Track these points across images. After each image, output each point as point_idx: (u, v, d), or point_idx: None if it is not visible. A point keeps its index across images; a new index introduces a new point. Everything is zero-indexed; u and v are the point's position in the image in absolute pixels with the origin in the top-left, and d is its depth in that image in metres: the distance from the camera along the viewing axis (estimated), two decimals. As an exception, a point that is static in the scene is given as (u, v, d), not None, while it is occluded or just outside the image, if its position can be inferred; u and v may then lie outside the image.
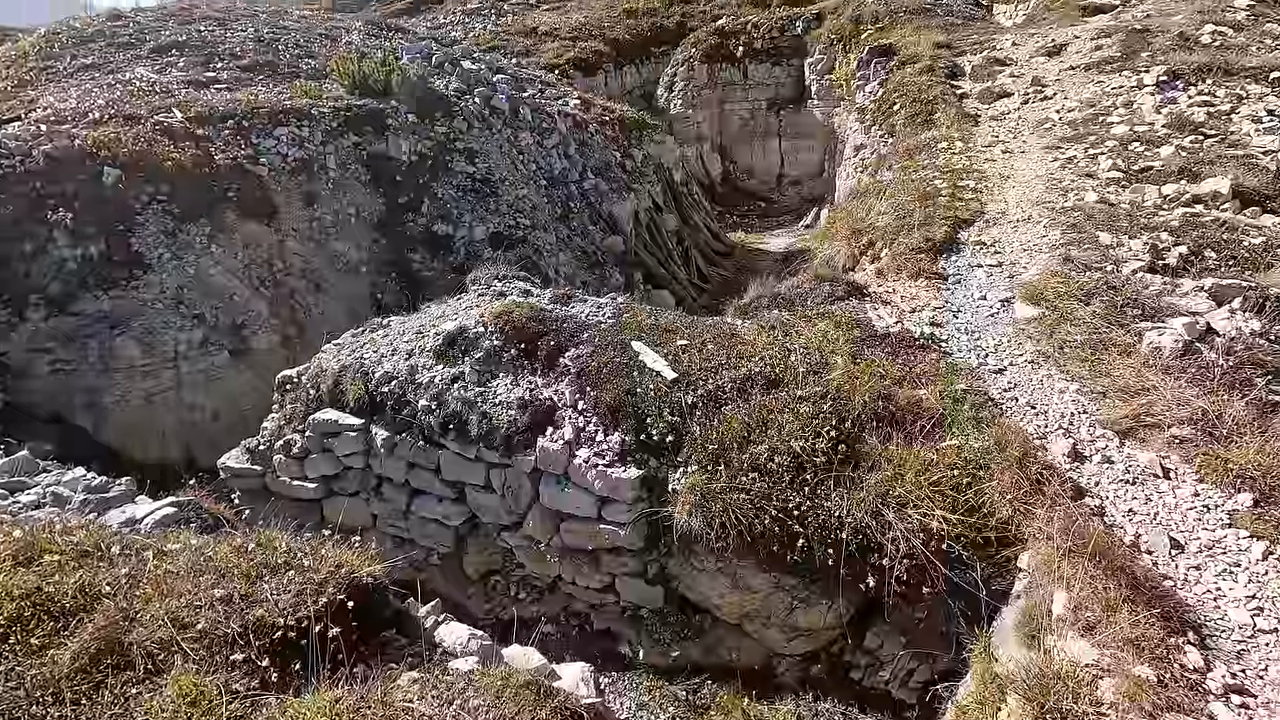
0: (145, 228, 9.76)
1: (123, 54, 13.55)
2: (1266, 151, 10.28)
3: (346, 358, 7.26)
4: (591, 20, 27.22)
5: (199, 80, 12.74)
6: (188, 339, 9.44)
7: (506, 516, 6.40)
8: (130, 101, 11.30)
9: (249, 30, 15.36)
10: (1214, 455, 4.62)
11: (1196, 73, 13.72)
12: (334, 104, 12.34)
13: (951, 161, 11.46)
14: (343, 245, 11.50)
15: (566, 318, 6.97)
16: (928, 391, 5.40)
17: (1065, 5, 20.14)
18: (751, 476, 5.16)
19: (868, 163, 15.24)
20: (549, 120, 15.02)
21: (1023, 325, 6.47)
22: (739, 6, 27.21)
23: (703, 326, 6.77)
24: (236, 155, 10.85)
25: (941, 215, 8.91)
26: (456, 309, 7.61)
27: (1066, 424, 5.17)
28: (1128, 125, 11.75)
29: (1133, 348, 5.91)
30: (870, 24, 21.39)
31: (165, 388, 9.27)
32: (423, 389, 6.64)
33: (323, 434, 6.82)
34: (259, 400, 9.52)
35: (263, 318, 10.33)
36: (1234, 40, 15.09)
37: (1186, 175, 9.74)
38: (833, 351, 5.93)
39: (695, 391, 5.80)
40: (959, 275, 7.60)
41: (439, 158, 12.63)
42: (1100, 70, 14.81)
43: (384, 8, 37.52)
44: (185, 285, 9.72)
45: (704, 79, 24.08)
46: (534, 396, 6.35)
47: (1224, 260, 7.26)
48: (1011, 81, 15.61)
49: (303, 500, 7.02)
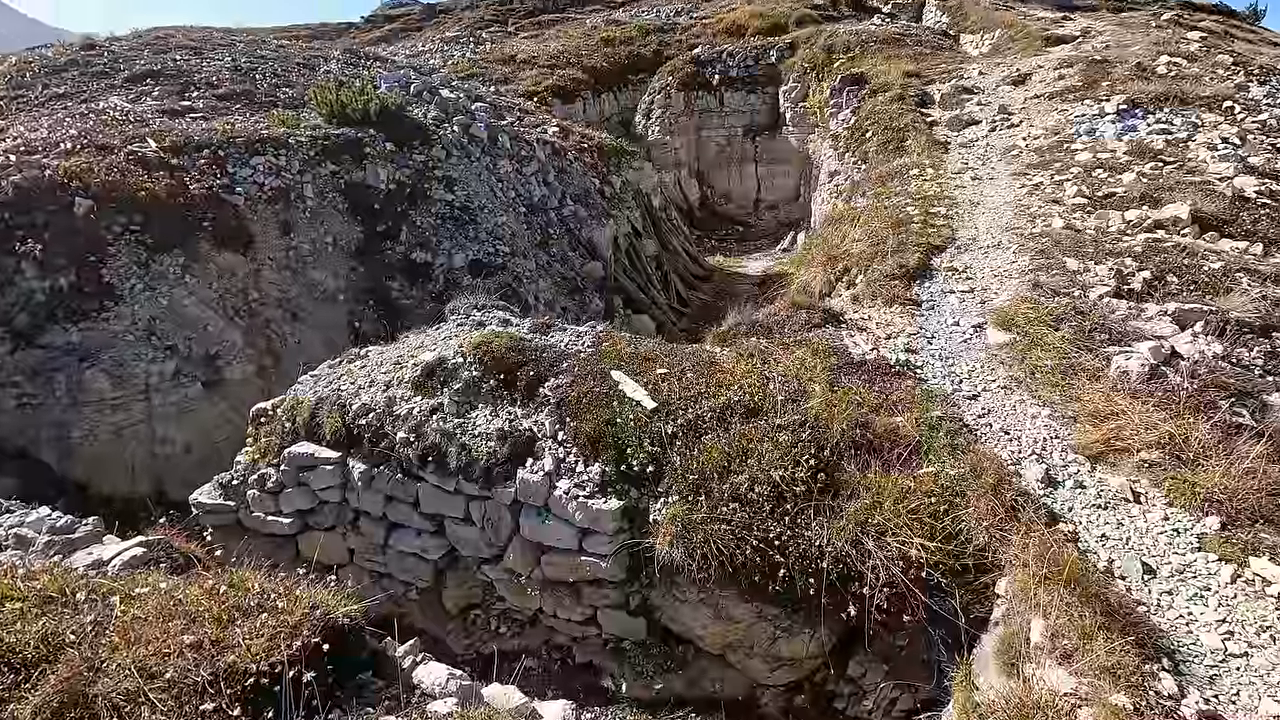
0: (117, 258, 9.63)
1: (96, 83, 13.46)
2: (1222, 178, 10.68)
3: (323, 389, 7.18)
4: (569, 48, 27.60)
5: (174, 109, 12.68)
6: (160, 371, 9.28)
7: (486, 549, 6.33)
8: (103, 131, 11.20)
9: (226, 59, 15.35)
10: (1182, 479, 4.72)
11: (1154, 101, 14.25)
12: (312, 133, 12.34)
13: (923, 188, 11.73)
14: (320, 274, 11.43)
15: (546, 347, 6.97)
16: (904, 418, 5.47)
17: (1028, 36, 20.84)
18: (732, 506, 5.16)
19: (842, 188, 15.54)
20: (528, 148, 15.14)
21: (995, 351, 6.59)
22: (714, 36, 27.78)
23: (682, 354, 6.81)
24: (212, 185, 10.78)
25: (914, 242, 9.11)
26: (435, 339, 7.57)
27: (1039, 449, 5.26)
28: (1091, 152, 12.14)
29: (1101, 372, 6.05)
30: (842, 53, 21.95)
31: (136, 421, 9.09)
32: (401, 421, 6.58)
33: (298, 467, 6.72)
34: (233, 432, 9.38)
35: (237, 348, 10.20)
36: (1188, 70, 15.71)
37: (1148, 201, 10.07)
38: (810, 379, 5.99)
39: (675, 421, 5.81)
40: (932, 301, 7.75)
41: (417, 186, 12.66)
42: (1063, 99, 15.30)
43: (362, 35, 37.77)
44: (158, 316, 9.58)
45: (681, 106, 24.48)
46: (513, 427, 6.32)
47: (1185, 285, 7.49)
48: (979, 109, 16.07)
49: (277, 536, 6.88)
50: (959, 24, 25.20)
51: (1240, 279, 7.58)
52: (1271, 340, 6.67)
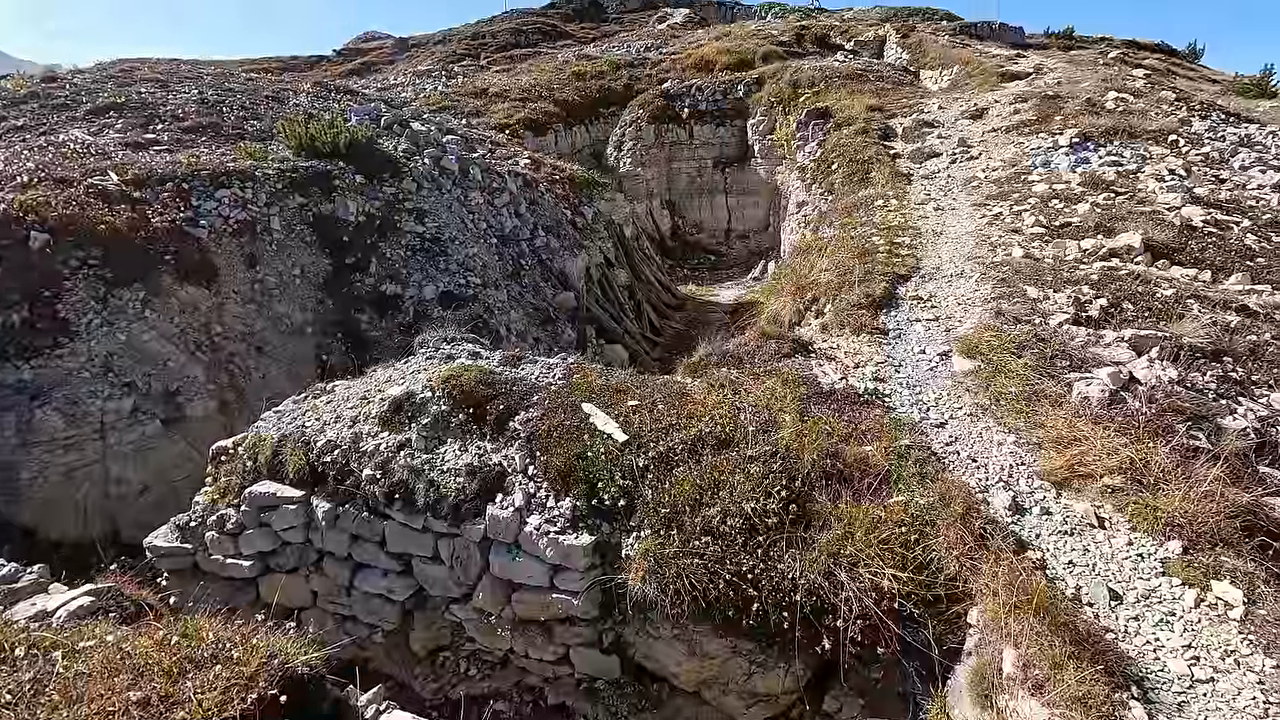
0: (74, 293, 9.37)
1: (56, 115, 13.24)
2: (1171, 208, 11.10)
3: (287, 426, 7.01)
4: (541, 82, 27.98)
5: (137, 142, 12.51)
6: (116, 408, 8.99)
7: (455, 588, 6.17)
8: (62, 164, 10.98)
9: (192, 92, 15.23)
10: (1144, 503, 4.81)
11: (1104, 135, 14.84)
12: (279, 165, 12.24)
13: (888, 219, 12.00)
14: (286, 307, 11.25)
15: (516, 380, 6.91)
16: (874, 447, 5.50)
17: (984, 72, 21.65)
18: (704, 540, 5.12)
19: (810, 218, 15.84)
20: (499, 179, 15.20)
21: (961, 378, 6.69)
22: (684, 71, 28.39)
23: (653, 386, 6.80)
24: (175, 218, 10.60)
25: (880, 271, 9.27)
26: (403, 373, 7.47)
27: (1006, 476, 5.32)
28: (1047, 184, 12.55)
29: (1063, 398, 6.17)
30: (807, 88, 22.57)
31: (89, 461, 8.76)
32: (367, 457, 6.44)
33: (259, 508, 6.52)
34: (193, 471, 9.09)
35: (199, 384, 9.94)
36: (1135, 106, 16.42)
37: (1102, 230, 10.41)
38: (781, 409, 6.01)
39: (646, 454, 5.77)
40: (899, 330, 7.87)
41: (387, 218, 12.60)
42: (1019, 132, 15.87)
43: (334, 68, 37.86)
44: (116, 352, 9.31)
45: (651, 139, 24.87)
46: (483, 462, 6.22)
47: (1140, 311, 7.72)
48: (940, 142, 16.57)
49: (236, 579, 6.63)
50: (919, 60, 26.12)
51: (1191, 305, 7.83)
52: (1223, 364, 6.88)
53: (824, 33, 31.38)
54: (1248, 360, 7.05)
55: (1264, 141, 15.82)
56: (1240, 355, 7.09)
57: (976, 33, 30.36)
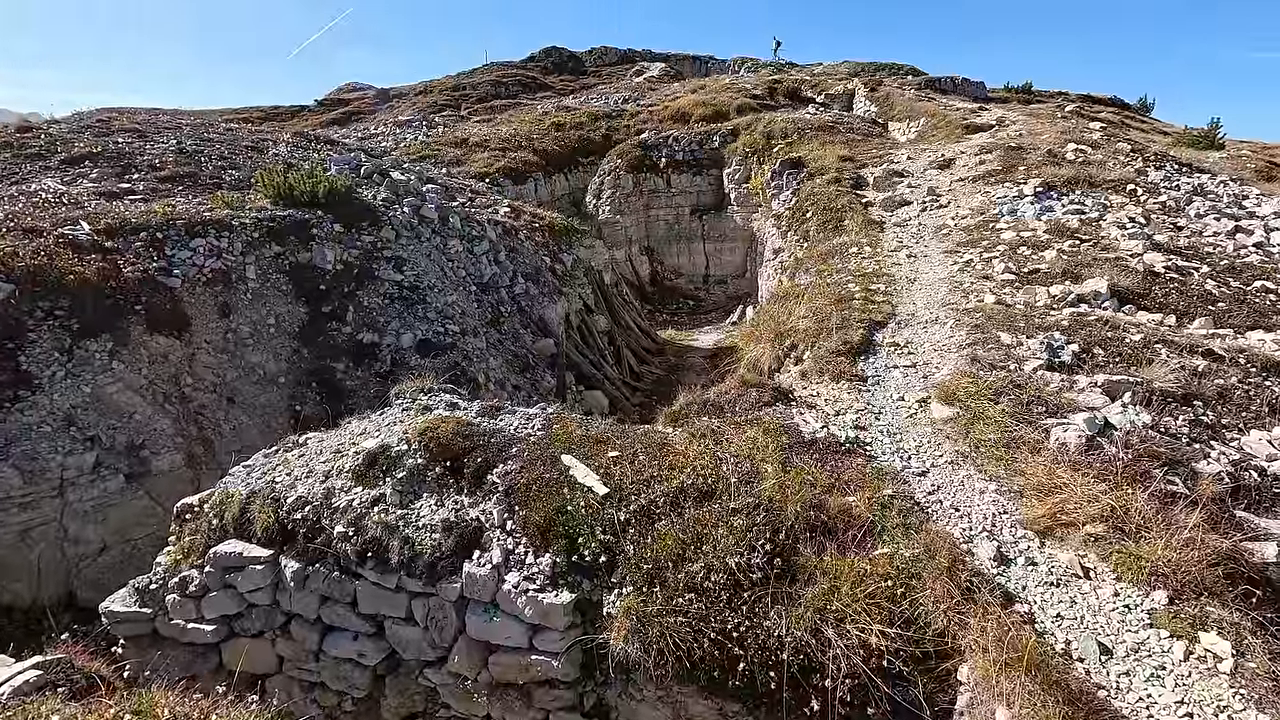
0: (38, 345, 9.13)
1: (30, 165, 13.12)
2: (1133, 254, 11.46)
3: (256, 481, 6.79)
4: (521, 132, 28.49)
5: (112, 192, 12.40)
6: (78, 464, 8.66)
7: (430, 651, 5.92)
8: (33, 214, 10.83)
9: (170, 142, 15.23)
10: (1127, 552, 4.79)
11: (1066, 184, 15.39)
12: (256, 214, 12.19)
13: (862, 266, 12.23)
14: (260, 356, 11.06)
15: (495, 431, 6.79)
16: (857, 498, 5.46)
17: (949, 125, 22.49)
18: (688, 597, 4.98)
19: (786, 265, 16.09)
20: (479, 228, 15.28)
21: (940, 426, 6.72)
22: (661, 122, 29.12)
23: (634, 436, 6.72)
24: (148, 267, 10.45)
25: (857, 318, 9.39)
26: (379, 424, 7.31)
27: (989, 526, 5.29)
28: (1014, 231, 12.92)
29: (1041, 444, 6.20)
30: (781, 139, 23.22)
31: (46, 520, 8.39)
32: (340, 514, 6.23)
33: (224, 568, 6.25)
34: (156, 528, 8.77)
35: (166, 436, 9.65)
36: (1093, 156, 17.10)
37: (1069, 277, 10.69)
38: (763, 460, 5.96)
39: (628, 507, 5.66)
40: (878, 376, 7.91)
41: (366, 266, 12.55)
42: (986, 181, 16.40)
43: (315, 118, 38.27)
44: (79, 405, 9.03)
45: (630, 187, 25.31)
46: (460, 518, 6.05)
47: (1111, 356, 7.86)
48: (910, 191, 17.06)
49: (198, 645, 6.30)
50: (887, 113, 27.09)
51: (1159, 350, 8.00)
52: (1193, 408, 7.00)
53: (795, 87, 32.52)
54: (1217, 404, 7.19)
55: (1216, 191, 16.52)
56: (1209, 399, 7.22)
57: (940, 87, 31.67)
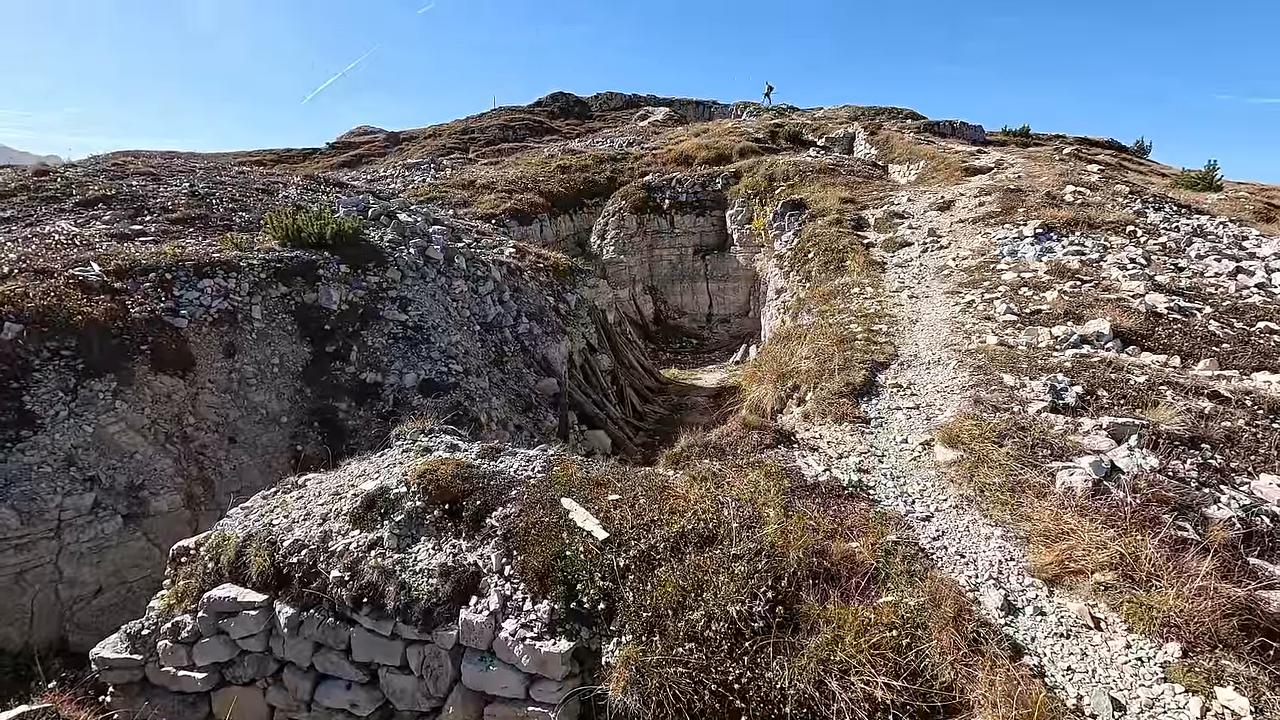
0: (43, 384, 9.18)
1: (45, 207, 13.39)
2: (1135, 295, 11.47)
3: (253, 524, 6.73)
4: (527, 174, 29.02)
5: (124, 233, 12.62)
6: (76, 504, 8.62)
7: (424, 702, 5.77)
8: (45, 255, 11.01)
9: (183, 185, 15.55)
10: (1138, 602, 4.68)
11: (1066, 226, 15.52)
12: (264, 256, 12.37)
13: (864, 306, 12.27)
14: (263, 396, 11.08)
15: (494, 473, 6.75)
16: (860, 544, 5.37)
17: (949, 167, 22.82)
18: (689, 646, 4.87)
19: (789, 305, 16.16)
20: (483, 268, 15.45)
21: (944, 469, 6.64)
22: (664, 165, 29.65)
23: (635, 479, 6.66)
24: (155, 308, 10.57)
25: (859, 359, 9.38)
26: (378, 466, 7.28)
27: (996, 573, 5.18)
28: (1015, 272, 12.98)
29: (1047, 488, 6.12)
30: (782, 181, 23.58)
31: (41, 561, 8.31)
32: (336, 558, 6.16)
33: (218, 613, 6.15)
34: (153, 570, 8.68)
35: (166, 476, 9.61)
36: (1092, 199, 17.28)
37: (1071, 318, 10.69)
38: (765, 504, 5.88)
39: (628, 552, 5.58)
40: (880, 418, 7.87)
41: (370, 306, 12.66)
42: (986, 223, 16.55)
43: (326, 161, 39.11)
44: (81, 445, 9.03)
45: (634, 228, 25.64)
46: (458, 562, 5.97)
47: (1115, 399, 7.80)
48: (911, 232, 17.22)
49: (188, 694, 6.17)
50: (886, 156, 27.54)
51: (1164, 392, 7.94)
52: (1201, 452, 6.91)
53: (796, 130, 33.15)
54: (1225, 447, 7.09)
55: (1216, 232, 16.63)
56: (1217, 442, 7.13)
57: (939, 130, 32.25)
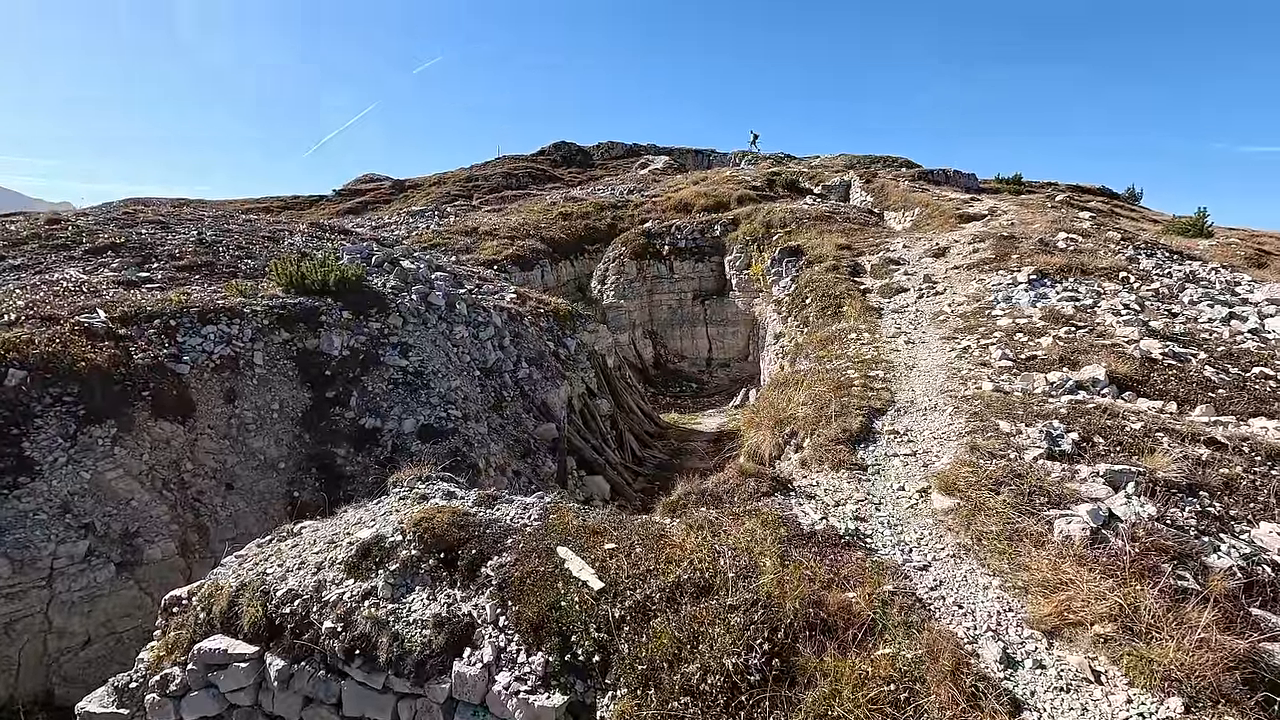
0: (43, 430, 9.22)
1: (54, 255, 13.65)
2: (1130, 340, 11.57)
3: (247, 573, 6.69)
4: (529, 221, 29.55)
5: (131, 280, 12.84)
6: (69, 552, 8.56)
7: (415, 758, 5.65)
8: (53, 302, 11.19)
9: (191, 233, 15.87)
10: (1138, 654, 4.61)
11: (1060, 272, 15.72)
12: (268, 302, 12.54)
13: (861, 352, 12.36)
14: (262, 441, 11.10)
15: (491, 521, 6.73)
16: (857, 594, 5.32)
17: (943, 214, 23.24)
18: (684, 700, 4.79)
19: (786, 350, 16.27)
20: (484, 314, 15.62)
21: (941, 517, 6.62)
22: (664, 212, 30.20)
23: (631, 527, 6.64)
24: (158, 354, 10.68)
25: (856, 405, 9.42)
26: (374, 513, 7.26)
27: (994, 624, 5.12)
28: (1010, 318, 13.11)
29: (1045, 537, 6.09)
30: (780, 228, 23.99)
31: (31, 611, 8.21)
32: (329, 608, 6.10)
33: (207, 665, 6.07)
34: (144, 620, 8.58)
35: (161, 523, 9.56)
36: (1084, 245, 17.54)
37: (1067, 363, 10.76)
38: (761, 553, 5.85)
39: (623, 603, 5.53)
40: (877, 465, 7.87)
41: (371, 352, 12.78)
42: (980, 269, 16.78)
43: (332, 207, 39.88)
44: (77, 492, 9.02)
45: (634, 273, 25.99)
46: (452, 612, 5.91)
47: (1111, 445, 7.81)
48: (906, 279, 17.44)
49: (174, 750, 6.04)
50: (882, 203, 28.07)
51: (1161, 439, 7.95)
52: (1200, 499, 6.89)
53: (793, 178, 33.87)
54: (1223, 494, 7.07)
55: (1208, 278, 16.84)
56: (1215, 489, 7.12)
57: (934, 178, 32.94)
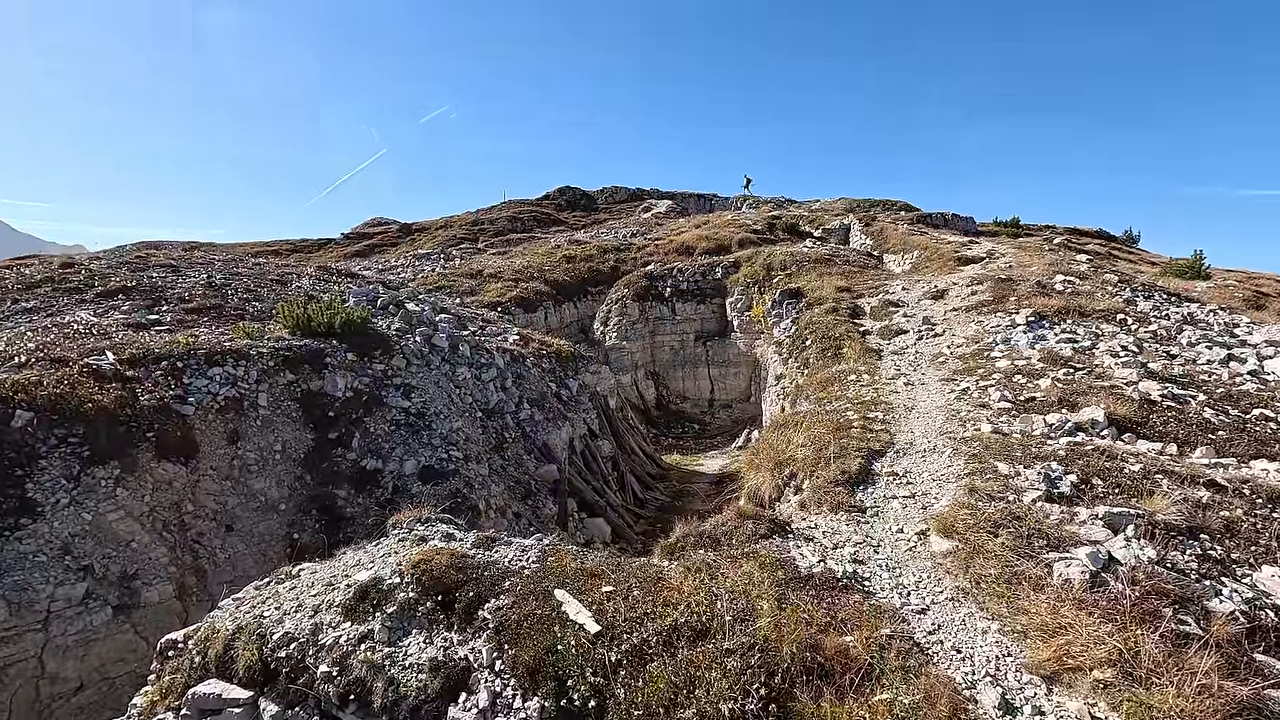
0: (47, 472, 9.29)
1: (67, 298, 13.93)
2: (1128, 382, 11.62)
3: (244, 616, 6.67)
4: (534, 264, 29.99)
5: (140, 323, 13.06)
6: (67, 595, 8.54)
7: (407, 808, 5.55)
8: (63, 344, 11.38)
9: (201, 276, 16.19)
10: (1138, 701, 4.56)
11: (1057, 314, 15.86)
12: (274, 344, 12.72)
13: (860, 393, 12.42)
14: (263, 483, 11.13)
15: (489, 563, 6.73)
16: (854, 638, 5.29)
17: (941, 257, 23.54)
18: (679, 747, 4.74)
19: (787, 391, 16.34)
20: (487, 355, 15.78)
21: (940, 559, 6.60)
22: (666, 254, 30.64)
23: (629, 570, 6.63)
24: (164, 396, 10.81)
25: (855, 447, 9.45)
26: (373, 555, 7.27)
27: (993, 669, 5.08)
28: (1009, 359, 13.19)
29: (1044, 580, 6.06)
30: (780, 270, 24.31)
31: (26, 656, 8.15)
32: (325, 651, 6.07)
33: (201, 711, 6.01)
34: (139, 664, 8.51)
35: (160, 565, 9.55)
36: (1081, 288, 17.72)
37: (1066, 405, 10.80)
38: (759, 596, 5.84)
39: (620, 646, 5.50)
40: (876, 507, 7.86)
41: (375, 393, 12.89)
42: (979, 311, 16.94)
43: (340, 250, 40.55)
44: (78, 533, 9.04)
45: (636, 314, 26.25)
46: (448, 656, 5.87)
47: (1110, 488, 7.81)
48: (906, 320, 17.60)
49: (164, 799, 5.95)
50: (881, 246, 28.46)
51: (1160, 481, 7.95)
52: (1200, 542, 6.86)
53: (794, 222, 34.42)
54: (1224, 537, 7.04)
55: (1206, 319, 16.95)
56: (1216, 532, 7.09)
57: (932, 221, 33.43)
